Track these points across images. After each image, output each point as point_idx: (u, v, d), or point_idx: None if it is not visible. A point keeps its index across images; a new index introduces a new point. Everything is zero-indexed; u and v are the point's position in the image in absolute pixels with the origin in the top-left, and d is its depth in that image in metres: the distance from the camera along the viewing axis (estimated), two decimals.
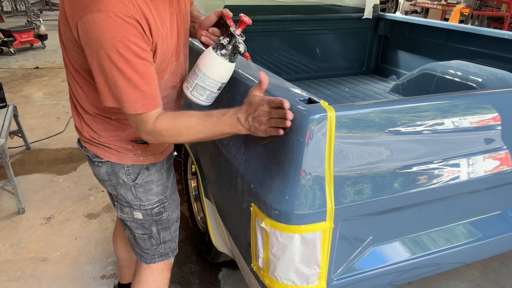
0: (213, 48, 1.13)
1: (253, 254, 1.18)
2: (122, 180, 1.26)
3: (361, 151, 1.07)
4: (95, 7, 0.92)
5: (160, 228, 1.37)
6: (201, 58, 1.14)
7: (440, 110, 1.16)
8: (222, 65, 1.13)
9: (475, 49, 2.56)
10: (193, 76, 1.16)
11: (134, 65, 0.97)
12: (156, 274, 1.45)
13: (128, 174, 1.26)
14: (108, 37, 0.93)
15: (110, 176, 1.27)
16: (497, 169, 1.27)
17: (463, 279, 2.10)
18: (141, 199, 1.30)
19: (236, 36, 1.11)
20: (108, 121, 1.19)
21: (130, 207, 1.31)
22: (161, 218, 1.36)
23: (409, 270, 1.28)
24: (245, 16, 1.12)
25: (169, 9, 1.11)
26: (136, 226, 1.35)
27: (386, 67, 3.28)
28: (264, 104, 0.99)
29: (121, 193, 1.29)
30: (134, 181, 1.27)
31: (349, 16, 3.11)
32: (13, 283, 2.01)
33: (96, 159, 1.25)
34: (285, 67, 3.05)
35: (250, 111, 1.02)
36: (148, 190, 1.30)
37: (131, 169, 1.26)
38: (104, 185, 1.31)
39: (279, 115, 0.96)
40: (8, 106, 2.99)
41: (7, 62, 6.10)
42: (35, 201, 2.70)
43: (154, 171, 1.30)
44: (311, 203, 1.00)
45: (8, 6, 10.76)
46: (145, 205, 1.31)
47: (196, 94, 1.17)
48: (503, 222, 1.41)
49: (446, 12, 9.10)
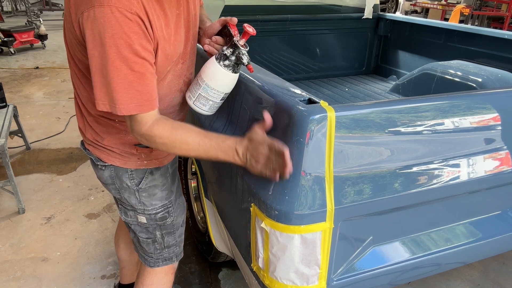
0: (216, 58, 1.11)
1: (253, 254, 1.18)
2: (125, 184, 1.24)
3: (361, 151, 1.07)
4: (98, 1, 0.90)
5: (164, 232, 1.35)
6: (204, 68, 1.12)
7: (440, 110, 1.16)
8: (225, 76, 1.11)
9: (475, 49, 2.56)
10: (196, 86, 1.14)
11: (132, 64, 0.94)
12: (159, 278, 1.43)
13: (131, 179, 1.24)
14: (109, 33, 0.90)
15: (113, 180, 1.25)
16: (497, 169, 1.27)
17: (463, 279, 2.10)
18: (145, 203, 1.28)
19: (240, 47, 1.09)
20: (111, 123, 1.17)
21: (134, 211, 1.30)
22: (165, 223, 1.34)
23: (409, 270, 1.28)
24: (249, 26, 1.10)
25: (176, 11, 1.08)
26: (140, 229, 1.34)
27: (386, 67, 3.28)
28: (264, 146, 0.99)
29: (125, 197, 1.27)
30: (138, 186, 1.25)
31: (349, 16, 3.11)
32: (13, 283, 2.01)
33: (100, 163, 1.23)
34: (285, 67, 3.05)
35: (249, 148, 1.02)
36: (152, 194, 1.28)
37: (135, 173, 1.24)
38: (108, 188, 1.30)
39: (279, 163, 0.97)
40: (8, 106, 2.99)
41: (7, 62, 6.10)
42: (35, 201, 2.70)
43: (158, 175, 1.28)
44: (311, 203, 1.00)
45: (8, 6, 10.76)
46: (149, 210, 1.29)
47: (199, 104, 1.15)
48: (503, 222, 1.41)
49: (446, 12, 9.10)
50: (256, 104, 1.21)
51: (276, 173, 1.00)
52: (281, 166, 0.97)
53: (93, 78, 0.97)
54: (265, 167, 1.00)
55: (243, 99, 1.28)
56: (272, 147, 0.98)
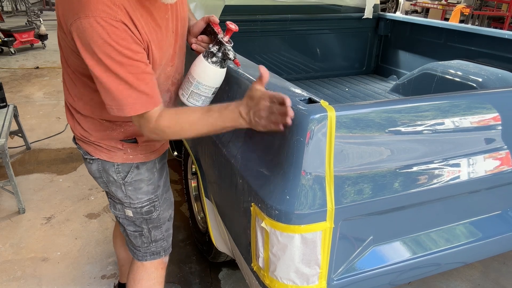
0: (204, 56, 1.17)
1: (253, 254, 1.18)
2: (112, 177, 1.28)
3: (361, 151, 1.07)
4: (83, 13, 0.92)
5: (151, 226, 1.38)
6: (193, 67, 1.19)
7: (441, 110, 1.16)
8: (214, 72, 1.18)
9: (475, 49, 2.56)
10: (187, 83, 1.21)
11: (128, 67, 0.97)
12: (149, 273, 1.46)
13: (118, 172, 1.27)
14: (99, 42, 0.93)
15: (101, 173, 1.29)
16: (498, 169, 1.27)
17: (464, 279, 2.10)
18: (131, 197, 1.31)
19: (225, 43, 1.15)
20: (99, 121, 1.21)
21: (122, 204, 1.33)
22: (151, 217, 1.37)
23: (409, 270, 1.28)
24: (231, 23, 1.16)
25: (164, 16, 1.11)
26: (128, 223, 1.37)
27: (386, 67, 3.28)
28: (265, 99, 0.99)
29: (112, 190, 1.31)
30: (124, 179, 1.28)
31: (349, 16, 3.11)
32: (14, 283, 2.01)
33: (88, 156, 1.27)
34: (285, 67, 3.05)
35: (251, 105, 1.02)
36: (138, 188, 1.31)
37: (121, 167, 1.27)
38: (97, 181, 1.34)
39: (280, 112, 0.96)
40: (8, 106, 2.99)
41: (8, 62, 6.10)
42: (35, 201, 2.70)
43: (144, 170, 1.31)
44: (311, 203, 1.00)
45: (8, 6, 10.77)
46: (135, 203, 1.32)
47: (192, 101, 1.22)
48: (503, 222, 1.41)
49: (446, 12, 9.10)
50: None
51: (279, 124, 0.99)
52: (283, 114, 0.96)
53: (97, 86, 1.01)
54: (269, 120, 0.99)
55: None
56: (272, 96, 0.98)
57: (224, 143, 1.33)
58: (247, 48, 2.79)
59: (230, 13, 2.56)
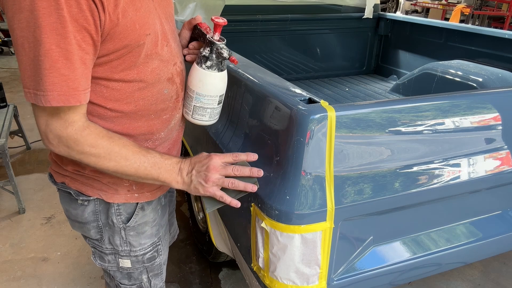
0: (197, 63, 1.01)
1: (253, 254, 1.18)
2: (111, 220, 1.03)
3: (361, 151, 1.07)
4: None
5: (151, 275, 1.16)
6: (189, 78, 1.03)
7: (441, 110, 1.16)
8: (213, 78, 1.01)
9: (475, 48, 2.56)
10: (188, 99, 1.05)
11: (59, 36, 0.72)
12: None
13: (118, 215, 1.03)
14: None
15: (97, 216, 1.03)
16: (498, 169, 1.27)
17: (464, 279, 2.10)
18: (132, 244, 1.08)
19: (216, 42, 0.99)
20: None
21: (115, 254, 1.08)
22: (154, 264, 1.15)
23: (409, 270, 1.28)
24: (217, 17, 1.00)
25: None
26: (121, 276, 1.13)
27: (386, 67, 3.28)
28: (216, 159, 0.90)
29: (106, 237, 1.06)
30: (126, 223, 1.04)
31: (349, 15, 3.11)
32: (14, 283, 2.01)
33: (81, 197, 1.01)
34: (285, 67, 3.05)
35: (196, 165, 0.92)
36: (141, 233, 1.08)
37: (122, 208, 1.03)
38: (85, 228, 1.06)
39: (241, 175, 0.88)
40: (8, 106, 2.99)
41: (8, 62, 6.10)
42: (35, 201, 2.70)
43: (149, 210, 1.08)
44: (311, 203, 1.00)
45: None
46: (136, 251, 1.09)
47: (198, 116, 1.06)
48: (503, 222, 1.41)
49: (446, 11, 9.10)
50: (256, 104, 1.21)
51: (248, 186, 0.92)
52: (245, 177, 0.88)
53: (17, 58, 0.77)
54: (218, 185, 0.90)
55: (244, 99, 1.28)
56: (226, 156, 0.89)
57: (224, 143, 1.33)
58: (247, 48, 2.79)
59: (230, 12, 2.56)
